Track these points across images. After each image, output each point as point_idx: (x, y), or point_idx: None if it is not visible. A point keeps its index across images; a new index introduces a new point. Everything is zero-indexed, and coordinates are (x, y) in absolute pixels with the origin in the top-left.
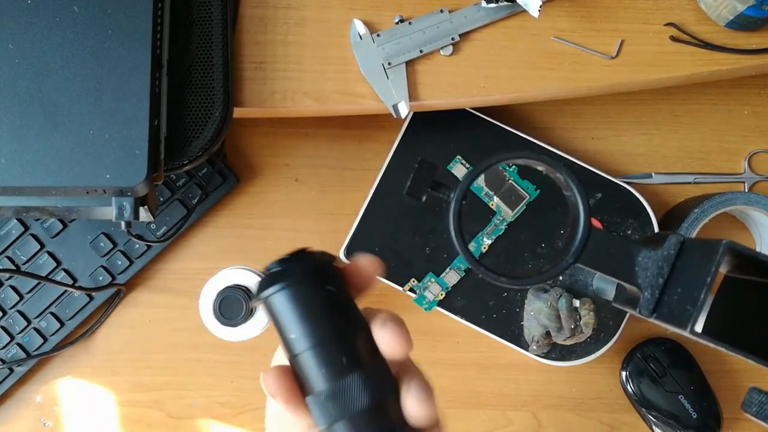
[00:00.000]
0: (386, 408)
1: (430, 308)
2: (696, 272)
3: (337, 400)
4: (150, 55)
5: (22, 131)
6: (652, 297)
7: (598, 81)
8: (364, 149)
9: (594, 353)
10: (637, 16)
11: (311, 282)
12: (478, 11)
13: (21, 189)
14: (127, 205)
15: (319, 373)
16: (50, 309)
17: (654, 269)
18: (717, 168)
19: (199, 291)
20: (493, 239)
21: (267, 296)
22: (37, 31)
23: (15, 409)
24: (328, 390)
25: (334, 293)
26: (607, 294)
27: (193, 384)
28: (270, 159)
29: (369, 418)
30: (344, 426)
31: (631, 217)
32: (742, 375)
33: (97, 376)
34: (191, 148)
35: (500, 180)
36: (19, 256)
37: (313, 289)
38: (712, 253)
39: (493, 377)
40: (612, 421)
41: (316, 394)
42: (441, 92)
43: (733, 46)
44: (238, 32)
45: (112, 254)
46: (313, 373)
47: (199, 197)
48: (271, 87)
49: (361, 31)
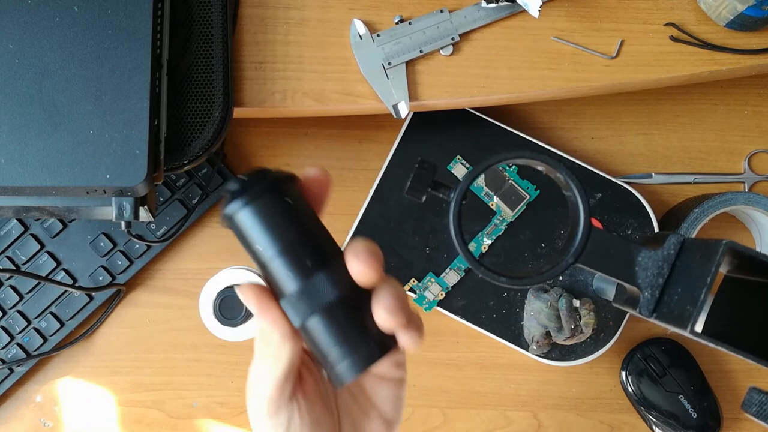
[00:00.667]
0: (356, 301)
1: (430, 308)
2: (696, 272)
3: (306, 297)
4: (150, 55)
5: (22, 131)
6: (652, 297)
7: (598, 81)
8: (364, 149)
9: (594, 353)
10: (637, 16)
11: (270, 196)
12: (478, 11)
13: (21, 189)
14: (127, 205)
15: (287, 277)
16: (50, 309)
17: (654, 269)
18: (717, 168)
19: (199, 291)
20: (493, 239)
21: (231, 214)
22: (37, 31)
23: (15, 409)
24: (297, 289)
25: (294, 204)
26: (607, 294)
27: (193, 384)
28: (270, 159)
29: (340, 309)
30: (318, 320)
31: (631, 217)
32: (742, 375)
33: (97, 376)
34: (191, 148)
35: (500, 180)
36: (19, 256)
37: (273, 201)
38: (712, 253)
39: (493, 377)
40: (612, 421)
41: (287, 296)
42: (441, 92)
43: (733, 46)
44: (238, 32)
45: (112, 254)
46: (282, 278)
47: (199, 197)
48: (271, 87)
49: (361, 31)
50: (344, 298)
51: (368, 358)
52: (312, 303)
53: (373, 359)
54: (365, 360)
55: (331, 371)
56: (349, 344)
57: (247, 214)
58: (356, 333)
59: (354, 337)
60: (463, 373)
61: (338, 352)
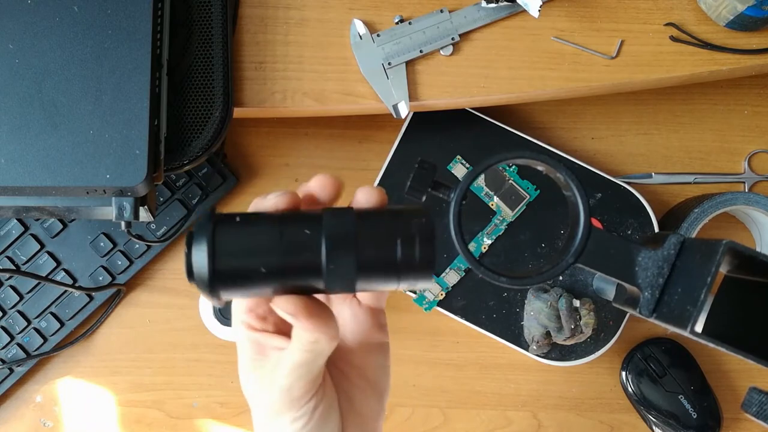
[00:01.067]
0: (363, 211)
1: (430, 308)
2: (696, 272)
3: (336, 248)
4: (150, 55)
5: (22, 131)
6: (652, 297)
7: (598, 81)
8: (364, 149)
9: (594, 353)
10: (637, 16)
11: (221, 230)
12: (478, 11)
13: (21, 189)
14: (127, 205)
15: (306, 261)
16: (50, 309)
17: (654, 269)
18: (717, 168)
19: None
20: (493, 239)
21: (214, 279)
22: (37, 31)
23: (15, 409)
24: (325, 255)
25: (242, 216)
26: (607, 294)
27: (193, 384)
28: (270, 159)
29: (365, 225)
30: (362, 251)
31: (631, 217)
32: (742, 375)
33: (96, 376)
34: (191, 148)
35: (500, 180)
36: (19, 256)
37: (228, 231)
38: (712, 253)
39: (493, 377)
40: (612, 421)
41: (324, 270)
42: (441, 92)
43: (733, 46)
44: (238, 32)
45: (112, 254)
46: (303, 266)
47: (199, 197)
48: (271, 87)
49: (361, 31)
50: (357, 216)
51: (424, 225)
52: (345, 246)
53: (429, 223)
54: (425, 231)
55: (413, 271)
56: (403, 231)
57: (224, 262)
58: (396, 218)
59: (400, 221)
60: (463, 373)
61: (403, 247)
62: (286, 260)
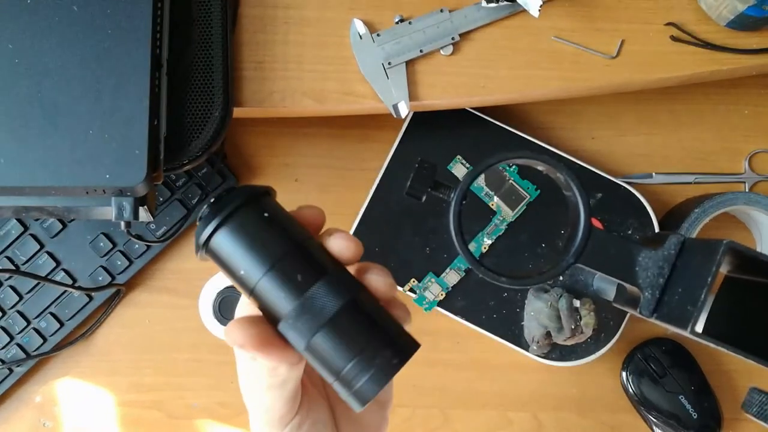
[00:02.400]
0: (359, 304)
1: (430, 308)
2: (696, 272)
3: (306, 314)
4: (150, 55)
5: (22, 131)
6: (653, 297)
7: (598, 81)
8: (364, 149)
9: (594, 353)
10: (638, 16)
11: (245, 212)
12: (478, 11)
13: (21, 189)
14: (126, 205)
15: (280, 297)
16: (50, 309)
17: (654, 269)
18: (718, 168)
19: (199, 291)
20: (493, 239)
21: (205, 240)
22: (37, 31)
23: (15, 409)
24: (294, 309)
25: (272, 217)
26: (607, 294)
27: (193, 384)
28: (270, 159)
29: (345, 318)
30: (324, 336)
31: (632, 217)
32: (742, 375)
33: (96, 376)
34: (191, 148)
35: (500, 180)
36: (19, 256)
37: (249, 217)
38: (713, 253)
39: (493, 377)
40: (612, 422)
41: (284, 319)
42: (441, 92)
43: (733, 46)
44: (238, 32)
45: (112, 254)
46: (274, 300)
47: (199, 197)
48: (271, 87)
49: (361, 30)
50: (347, 304)
51: (391, 364)
52: (315, 320)
53: (398, 365)
54: (388, 368)
55: (349, 389)
56: (366, 353)
57: (223, 236)
58: (372, 338)
59: (371, 343)
60: (463, 374)
61: (355, 366)
62: (263, 285)
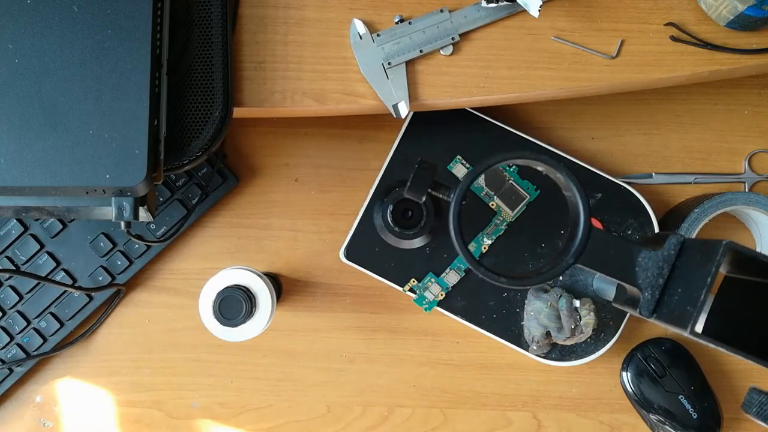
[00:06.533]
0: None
1: (430, 308)
2: (696, 272)
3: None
4: (150, 55)
5: (21, 131)
6: (653, 297)
7: (598, 81)
8: (364, 149)
9: (594, 353)
10: (638, 16)
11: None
12: (478, 11)
13: (21, 189)
14: (126, 205)
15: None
16: (50, 309)
17: (654, 269)
18: (717, 168)
19: (199, 291)
20: (493, 239)
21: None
22: (37, 31)
23: (15, 409)
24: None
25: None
26: (607, 294)
27: (193, 384)
28: (270, 159)
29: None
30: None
31: (631, 217)
32: (742, 375)
33: (96, 376)
34: (191, 148)
35: (500, 180)
36: (19, 256)
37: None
38: (713, 254)
39: (493, 377)
40: (612, 422)
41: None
42: (441, 92)
43: (733, 46)
44: (238, 32)
45: (112, 254)
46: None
47: (199, 197)
48: (271, 87)
49: (361, 30)
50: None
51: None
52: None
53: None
54: None
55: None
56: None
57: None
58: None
59: None
60: (463, 373)
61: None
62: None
